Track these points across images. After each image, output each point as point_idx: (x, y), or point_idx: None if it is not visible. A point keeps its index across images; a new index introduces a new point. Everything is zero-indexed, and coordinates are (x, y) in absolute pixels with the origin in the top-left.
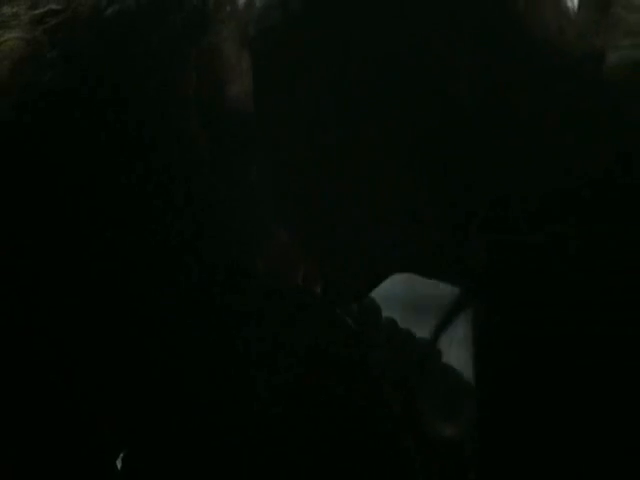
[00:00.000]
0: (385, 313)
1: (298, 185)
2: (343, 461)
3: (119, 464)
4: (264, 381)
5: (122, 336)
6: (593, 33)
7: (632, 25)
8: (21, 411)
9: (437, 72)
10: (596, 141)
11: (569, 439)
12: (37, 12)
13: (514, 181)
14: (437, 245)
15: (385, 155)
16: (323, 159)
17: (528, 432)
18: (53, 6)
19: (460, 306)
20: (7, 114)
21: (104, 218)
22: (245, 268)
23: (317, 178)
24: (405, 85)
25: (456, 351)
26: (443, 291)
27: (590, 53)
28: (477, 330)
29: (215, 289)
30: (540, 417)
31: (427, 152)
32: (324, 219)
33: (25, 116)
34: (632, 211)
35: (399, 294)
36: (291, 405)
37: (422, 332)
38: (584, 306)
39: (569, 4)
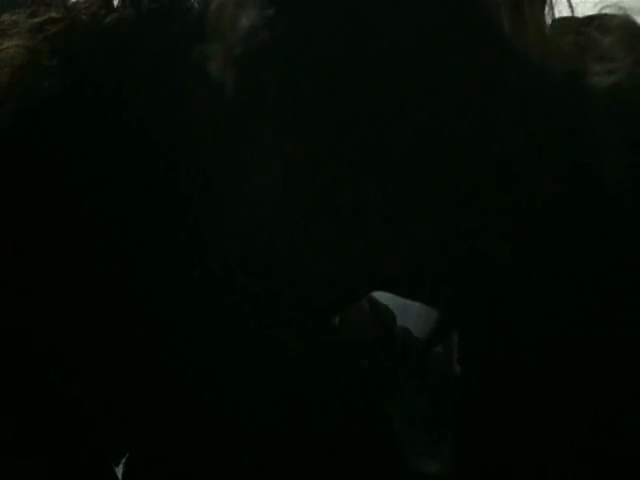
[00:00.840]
0: None
1: (279, 200)
2: (341, 465)
3: (121, 468)
4: (266, 382)
5: (124, 336)
6: (571, 56)
7: (605, 50)
8: (21, 412)
9: (421, 93)
10: (569, 165)
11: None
12: (37, 20)
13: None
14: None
15: (370, 177)
16: (309, 175)
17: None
18: (53, 14)
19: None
20: (7, 121)
21: (104, 221)
22: (247, 267)
23: (301, 195)
24: (389, 106)
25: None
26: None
27: (570, 76)
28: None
29: (217, 288)
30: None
31: (412, 168)
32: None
33: (24, 123)
34: (600, 225)
35: None
36: (292, 407)
37: None
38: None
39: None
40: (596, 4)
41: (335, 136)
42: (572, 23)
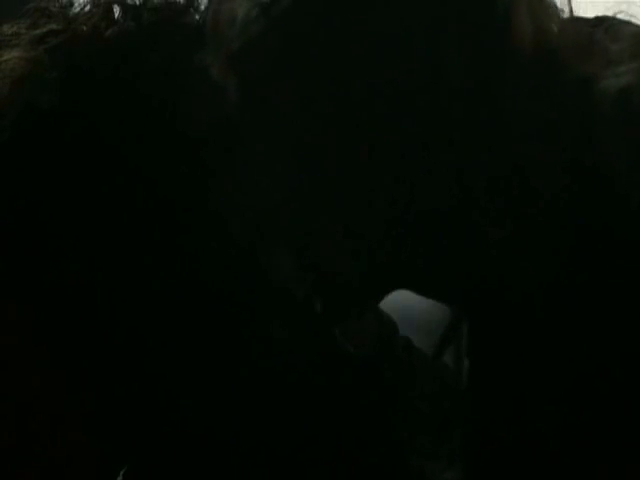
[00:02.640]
0: None
1: (284, 196)
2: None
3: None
4: (267, 392)
5: (127, 339)
6: (581, 59)
7: (613, 55)
8: (23, 417)
9: (425, 83)
10: (577, 165)
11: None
12: (37, 32)
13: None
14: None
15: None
16: (312, 170)
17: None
18: (53, 26)
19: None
20: (7, 134)
21: (106, 232)
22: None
23: (303, 190)
24: (389, 92)
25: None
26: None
27: (579, 79)
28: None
29: (215, 293)
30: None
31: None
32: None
33: (24, 136)
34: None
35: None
36: (294, 416)
37: None
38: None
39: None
40: (608, 8)
41: (337, 127)
42: (581, 24)
